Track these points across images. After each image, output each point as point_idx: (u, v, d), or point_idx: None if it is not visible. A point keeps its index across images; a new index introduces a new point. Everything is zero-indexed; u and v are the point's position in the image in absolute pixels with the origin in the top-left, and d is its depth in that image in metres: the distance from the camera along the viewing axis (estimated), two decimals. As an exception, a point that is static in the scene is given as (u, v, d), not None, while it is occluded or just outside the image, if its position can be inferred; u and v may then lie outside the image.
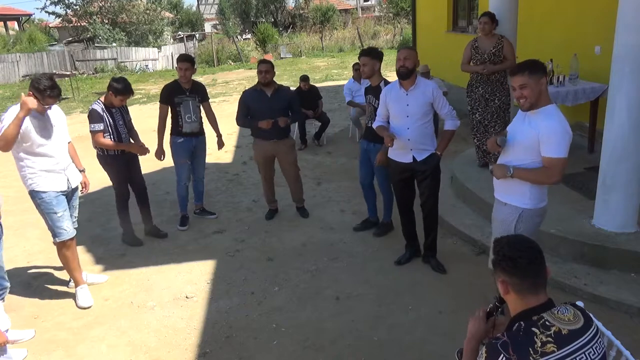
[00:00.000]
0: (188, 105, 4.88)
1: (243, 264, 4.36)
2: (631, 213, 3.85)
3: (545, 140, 2.65)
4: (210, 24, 41.25)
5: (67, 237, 3.75)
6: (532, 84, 2.65)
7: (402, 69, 3.71)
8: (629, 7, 3.55)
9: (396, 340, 3.24)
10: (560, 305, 1.65)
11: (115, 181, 4.66)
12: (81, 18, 24.69)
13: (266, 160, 5.05)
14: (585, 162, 5.33)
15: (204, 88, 5.15)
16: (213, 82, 16.73)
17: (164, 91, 4.91)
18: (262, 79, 4.77)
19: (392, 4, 31.49)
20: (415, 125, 3.76)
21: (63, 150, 3.75)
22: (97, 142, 4.37)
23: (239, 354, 3.22)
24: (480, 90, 5.25)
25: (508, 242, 1.73)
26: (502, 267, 1.69)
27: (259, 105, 4.81)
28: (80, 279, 3.93)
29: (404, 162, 3.88)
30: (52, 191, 3.64)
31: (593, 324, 1.63)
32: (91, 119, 4.33)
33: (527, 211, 2.83)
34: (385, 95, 3.88)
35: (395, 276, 4.01)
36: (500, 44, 5.10)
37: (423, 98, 3.74)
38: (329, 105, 10.51)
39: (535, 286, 1.66)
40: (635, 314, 3.31)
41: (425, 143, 3.83)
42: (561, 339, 1.54)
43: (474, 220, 4.71)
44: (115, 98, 4.31)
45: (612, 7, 3.85)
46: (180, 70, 4.79)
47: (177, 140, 4.97)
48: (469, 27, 9.55)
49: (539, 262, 1.68)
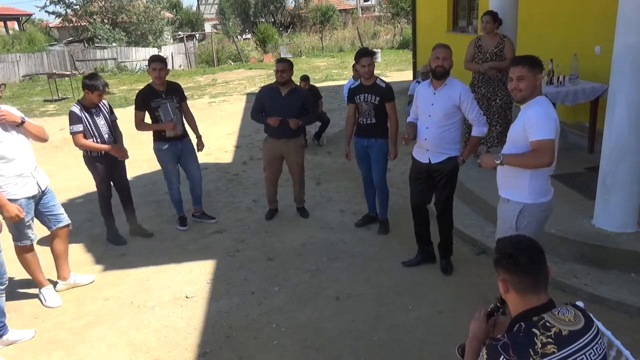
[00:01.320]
0: (166, 108, 4.72)
1: (243, 264, 4.36)
2: (631, 213, 3.85)
3: (530, 125, 2.71)
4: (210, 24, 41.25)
5: (29, 243, 3.73)
6: (530, 78, 2.72)
7: (439, 68, 3.56)
8: (629, 7, 3.55)
9: (396, 340, 3.24)
10: (560, 306, 1.65)
11: (97, 181, 4.65)
12: (81, 18, 24.68)
13: (274, 159, 5.05)
14: (585, 162, 5.33)
15: (181, 87, 4.97)
16: (213, 82, 16.73)
17: (138, 97, 4.75)
18: (279, 78, 4.75)
19: (392, 4, 31.49)
20: (435, 126, 3.64)
21: (28, 153, 3.63)
22: (76, 143, 4.37)
23: (239, 354, 3.22)
24: (482, 90, 5.25)
25: (510, 241, 1.73)
26: (502, 265, 1.69)
27: (272, 104, 4.83)
28: (43, 280, 3.93)
29: (421, 161, 3.83)
30: (24, 198, 3.57)
31: (594, 324, 1.63)
32: (70, 121, 4.34)
33: (528, 206, 2.83)
34: (417, 93, 3.83)
35: (395, 276, 4.01)
36: (502, 43, 5.11)
37: (448, 100, 3.61)
38: (329, 105, 10.50)
39: (535, 285, 1.65)
40: (635, 314, 3.31)
41: (444, 147, 3.69)
42: (561, 340, 1.53)
43: (474, 220, 4.71)
44: (92, 95, 4.31)
45: (612, 7, 3.85)
46: (155, 72, 4.62)
47: (162, 146, 4.80)
48: (469, 27, 9.55)
49: (540, 260, 1.67)
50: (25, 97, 15.35)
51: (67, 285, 4.08)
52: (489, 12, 5.18)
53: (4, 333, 3.40)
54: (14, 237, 3.69)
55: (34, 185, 3.64)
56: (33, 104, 13.93)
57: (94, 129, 4.40)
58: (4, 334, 3.40)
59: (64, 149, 8.73)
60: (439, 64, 3.58)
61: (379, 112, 4.43)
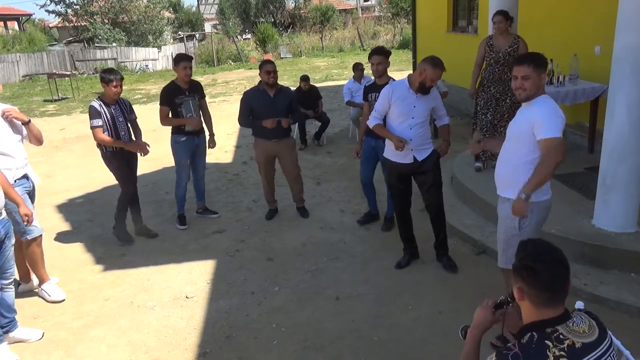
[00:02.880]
0: (189, 104, 4.90)
1: (243, 264, 4.36)
2: (631, 213, 3.85)
3: (540, 124, 2.69)
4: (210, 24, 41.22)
5: (37, 233, 3.76)
6: (535, 77, 2.71)
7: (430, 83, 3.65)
8: (629, 7, 3.55)
9: (396, 340, 3.24)
10: (575, 315, 1.59)
11: (120, 179, 4.70)
12: (81, 18, 24.69)
13: (267, 160, 5.06)
14: (585, 162, 5.33)
15: (201, 85, 5.18)
16: (213, 82, 16.73)
17: (164, 93, 4.90)
18: (270, 79, 4.79)
19: (392, 4, 31.47)
20: (418, 126, 3.77)
21: (19, 148, 3.65)
22: (96, 137, 4.44)
23: (239, 354, 3.22)
24: (492, 90, 5.20)
25: (534, 251, 1.60)
26: (522, 275, 1.58)
27: (261, 105, 4.82)
28: (45, 275, 3.95)
29: (404, 162, 3.84)
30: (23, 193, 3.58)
31: (607, 335, 1.59)
32: (90, 116, 4.43)
33: (530, 205, 2.81)
34: (391, 93, 3.75)
35: (395, 276, 4.01)
36: (517, 43, 5.05)
37: (431, 102, 3.79)
38: (329, 105, 10.50)
39: (554, 301, 1.56)
40: (635, 314, 3.31)
41: (426, 143, 3.85)
42: (574, 354, 1.49)
43: (474, 220, 4.71)
44: (109, 87, 4.39)
45: (612, 7, 3.85)
46: (185, 70, 4.80)
47: (180, 139, 4.95)
48: (469, 27, 9.55)
49: (564, 277, 1.57)
50: (25, 97, 15.35)
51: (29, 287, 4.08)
52: (501, 11, 5.09)
53: (11, 329, 3.39)
54: (23, 232, 3.70)
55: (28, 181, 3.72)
56: (33, 104, 13.93)
57: (110, 125, 4.47)
58: (12, 330, 3.40)
59: (64, 149, 8.74)
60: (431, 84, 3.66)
61: None
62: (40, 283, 3.97)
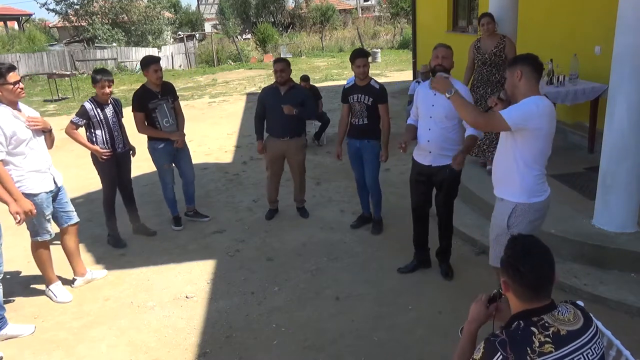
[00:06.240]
0: (163, 108, 4.75)
1: (243, 264, 4.36)
2: (631, 213, 3.85)
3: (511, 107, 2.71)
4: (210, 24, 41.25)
5: (49, 237, 3.79)
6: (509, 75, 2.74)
7: (438, 67, 3.51)
8: (629, 7, 3.55)
9: (396, 340, 3.24)
10: (560, 305, 1.65)
11: (103, 180, 4.69)
12: (81, 18, 24.68)
13: (276, 158, 5.07)
14: (585, 162, 5.33)
15: (173, 87, 5.01)
16: (213, 82, 16.73)
17: (136, 98, 4.73)
18: (279, 77, 4.80)
19: (392, 4, 31.49)
20: (437, 127, 3.59)
21: (44, 149, 3.73)
22: (67, 130, 4.43)
23: (239, 354, 3.22)
24: (481, 91, 5.25)
25: (522, 250, 1.65)
26: (507, 272, 1.64)
27: (271, 102, 4.88)
28: (53, 276, 3.97)
29: (422, 163, 3.77)
30: (44, 192, 3.64)
31: (593, 324, 1.63)
32: (77, 112, 4.45)
33: (521, 205, 2.80)
34: (417, 94, 3.76)
35: (395, 276, 4.01)
36: (502, 43, 5.09)
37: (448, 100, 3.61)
38: (329, 105, 10.50)
39: (538, 295, 1.62)
40: (635, 314, 3.31)
41: (446, 148, 3.62)
42: (559, 340, 1.54)
43: (474, 220, 4.71)
44: (97, 87, 4.39)
45: (612, 7, 3.85)
46: (156, 72, 4.64)
47: (158, 145, 4.81)
48: (469, 27, 9.55)
49: (548, 277, 1.62)
50: (25, 97, 15.34)
51: (85, 280, 4.14)
52: (487, 14, 5.17)
53: (2, 326, 3.41)
54: (33, 233, 3.73)
55: (51, 181, 3.73)
56: (33, 104, 13.92)
57: (104, 124, 4.48)
58: (3, 328, 3.41)
59: (64, 148, 8.72)
60: (438, 62, 3.52)
61: (371, 113, 4.44)
62: (47, 284, 3.97)
